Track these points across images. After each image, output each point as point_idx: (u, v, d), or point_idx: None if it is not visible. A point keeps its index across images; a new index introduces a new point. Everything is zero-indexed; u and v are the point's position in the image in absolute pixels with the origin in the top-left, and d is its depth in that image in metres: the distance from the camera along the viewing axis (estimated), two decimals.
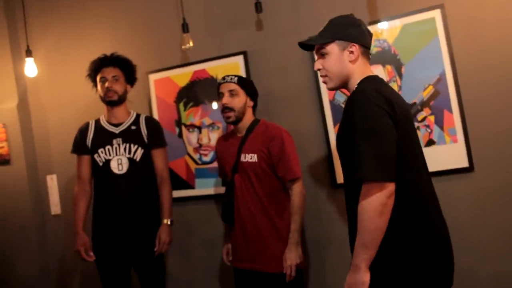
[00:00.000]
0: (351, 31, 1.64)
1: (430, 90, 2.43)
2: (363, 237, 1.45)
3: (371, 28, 2.44)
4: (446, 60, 2.38)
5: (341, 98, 2.58)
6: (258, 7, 2.57)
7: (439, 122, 2.40)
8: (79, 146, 2.62)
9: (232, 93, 2.28)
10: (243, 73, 2.76)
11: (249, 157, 2.25)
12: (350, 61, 1.64)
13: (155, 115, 2.99)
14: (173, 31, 2.94)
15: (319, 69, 1.70)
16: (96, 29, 3.17)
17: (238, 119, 2.31)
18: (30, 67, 2.83)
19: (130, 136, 2.59)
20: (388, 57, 2.49)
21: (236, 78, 2.29)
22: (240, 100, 2.29)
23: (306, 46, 1.78)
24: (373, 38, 1.82)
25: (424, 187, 1.57)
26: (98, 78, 2.63)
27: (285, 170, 2.22)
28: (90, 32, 3.19)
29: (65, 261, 3.27)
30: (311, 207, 2.61)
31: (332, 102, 2.59)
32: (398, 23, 2.46)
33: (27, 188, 3.22)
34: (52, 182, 3.28)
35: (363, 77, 1.63)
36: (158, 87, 2.99)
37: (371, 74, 1.66)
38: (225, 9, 2.83)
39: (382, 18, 2.49)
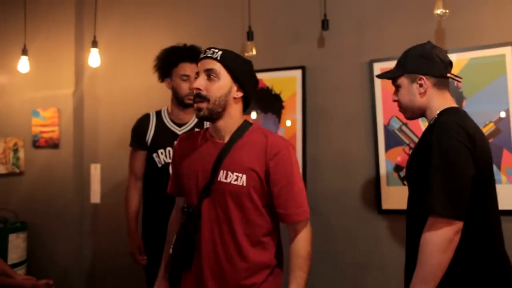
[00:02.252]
0: (421, 63, 1.63)
1: (491, 127, 2.37)
2: (423, 271, 1.41)
3: None
4: (511, 98, 2.33)
5: (396, 124, 2.55)
6: (325, 25, 2.57)
7: (497, 161, 2.34)
8: (138, 140, 2.45)
9: (210, 74, 1.54)
10: (299, 88, 2.76)
11: (233, 178, 1.53)
12: (420, 94, 1.63)
13: None
14: (234, 38, 2.97)
15: (395, 101, 1.71)
16: (157, 28, 3.24)
17: (214, 115, 1.55)
18: (95, 58, 2.91)
19: None
20: (450, 89, 2.44)
21: (219, 53, 1.55)
22: (220, 86, 1.54)
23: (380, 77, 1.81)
24: None
25: (493, 229, 1.53)
26: (176, 72, 2.39)
27: (293, 207, 1.54)
28: (151, 30, 3.25)
29: (97, 249, 3.31)
30: (353, 231, 2.58)
31: (386, 127, 2.56)
32: (465, 55, 2.42)
33: (71, 173, 3.30)
34: (95, 171, 3.34)
35: (443, 107, 1.61)
36: None
37: (452, 105, 1.63)
38: (289, 22, 2.85)
39: (449, 49, 2.46)
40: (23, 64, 3.14)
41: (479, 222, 1.47)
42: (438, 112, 1.60)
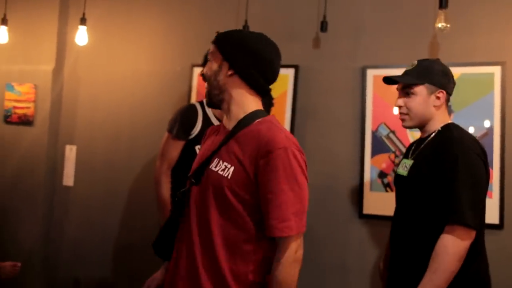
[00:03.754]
0: (442, 78, 1.72)
1: None
2: (439, 278, 1.48)
3: None
4: (497, 116, 2.41)
5: (384, 131, 2.59)
6: (324, 27, 2.58)
7: None
8: (183, 131, 2.32)
9: (208, 58, 1.49)
10: (290, 87, 2.76)
11: (221, 167, 1.38)
12: (435, 106, 1.71)
13: None
14: (228, 28, 2.93)
15: (400, 106, 1.74)
16: (148, 11, 3.14)
17: (213, 97, 1.46)
18: (82, 36, 2.80)
19: None
20: None
21: (215, 35, 1.49)
22: (210, 66, 1.45)
23: (389, 80, 1.81)
24: None
25: (483, 241, 1.64)
26: None
27: (273, 219, 1.31)
28: (142, 13, 3.15)
29: (66, 233, 3.19)
30: (334, 233, 2.61)
31: (374, 133, 2.60)
32: (457, 70, 2.47)
33: (44, 153, 3.17)
34: (70, 152, 3.22)
35: (445, 122, 1.71)
36: (201, 82, 2.97)
37: (449, 121, 1.74)
38: (286, 20, 2.83)
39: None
40: (2, 34, 2.97)
41: (480, 232, 1.59)
42: (440, 126, 1.69)
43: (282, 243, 1.31)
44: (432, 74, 1.72)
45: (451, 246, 1.47)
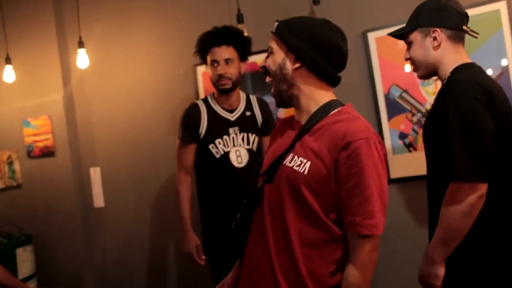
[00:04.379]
0: (435, 15, 1.57)
1: None
2: (444, 234, 1.41)
3: None
4: (510, 53, 2.31)
5: (396, 92, 2.52)
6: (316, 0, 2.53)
7: None
8: (190, 133, 2.30)
9: (269, 51, 1.39)
10: None
11: (296, 162, 1.29)
12: (434, 48, 1.57)
13: None
14: (221, 23, 2.91)
15: (407, 59, 1.66)
16: (143, 21, 3.15)
17: (282, 93, 1.37)
18: (82, 59, 2.83)
19: (246, 123, 2.31)
20: None
21: (276, 24, 1.39)
22: (273, 59, 1.36)
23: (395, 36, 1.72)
24: None
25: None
26: (208, 60, 2.28)
27: (358, 215, 1.21)
28: (137, 24, 3.17)
29: (107, 253, 3.26)
30: None
31: (387, 96, 2.54)
32: None
33: (71, 180, 3.22)
34: (95, 174, 3.28)
35: (457, 64, 1.54)
36: (206, 80, 2.97)
37: (466, 60, 1.57)
38: (279, 1, 2.80)
39: None
40: (8, 74, 3.05)
41: (503, 184, 1.43)
42: (452, 69, 1.54)
43: (360, 242, 1.21)
44: (421, 14, 1.59)
45: (451, 204, 1.37)
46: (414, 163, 2.41)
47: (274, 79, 1.34)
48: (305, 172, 1.25)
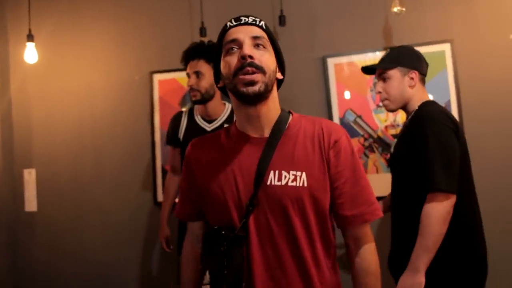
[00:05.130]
0: (413, 60, 1.86)
1: None
2: (427, 241, 1.58)
3: (382, 53, 2.60)
4: (452, 91, 2.57)
5: (351, 116, 2.68)
6: (282, 21, 2.62)
7: None
8: (172, 138, 2.51)
9: (258, 44, 1.24)
10: None
11: (289, 178, 1.19)
12: (410, 86, 1.84)
13: (157, 117, 2.91)
14: (182, 33, 2.90)
15: (379, 92, 1.85)
16: (98, 23, 3.04)
17: (266, 93, 1.21)
18: (31, 53, 2.65)
19: None
20: None
21: (263, 22, 1.30)
22: (272, 59, 1.26)
23: (367, 70, 1.96)
24: None
25: (474, 206, 1.74)
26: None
27: (363, 204, 1.23)
28: (90, 24, 3.05)
29: (33, 259, 3.03)
30: None
31: (342, 120, 2.69)
32: None
33: (0, 180, 2.97)
34: (30, 176, 3.06)
35: (423, 100, 1.83)
36: (162, 88, 2.93)
37: (428, 99, 1.86)
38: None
39: (396, 45, 2.63)
40: None
41: (464, 199, 1.68)
42: (419, 104, 1.81)
43: (365, 229, 1.24)
44: (403, 57, 1.87)
45: (431, 211, 1.59)
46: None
47: (269, 78, 1.20)
48: (305, 185, 1.18)
